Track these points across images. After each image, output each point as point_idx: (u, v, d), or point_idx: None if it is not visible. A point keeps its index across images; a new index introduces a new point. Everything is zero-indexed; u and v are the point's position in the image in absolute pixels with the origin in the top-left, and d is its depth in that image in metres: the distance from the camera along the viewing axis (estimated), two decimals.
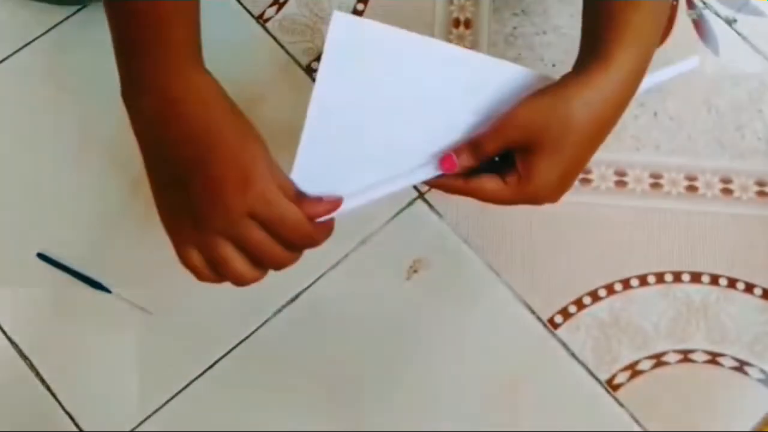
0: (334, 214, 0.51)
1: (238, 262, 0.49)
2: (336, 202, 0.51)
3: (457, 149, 0.53)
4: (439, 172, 0.54)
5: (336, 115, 0.49)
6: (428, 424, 0.77)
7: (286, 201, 0.49)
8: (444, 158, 0.53)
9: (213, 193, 0.48)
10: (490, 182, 0.53)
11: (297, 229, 0.49)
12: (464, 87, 0.52)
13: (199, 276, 0.51)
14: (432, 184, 0.55)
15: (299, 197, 0.50)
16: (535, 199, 0.53)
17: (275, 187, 0.48)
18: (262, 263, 0.50)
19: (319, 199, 0.51)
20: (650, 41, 0.53)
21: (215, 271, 0.50)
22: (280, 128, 0.87)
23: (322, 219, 0.51)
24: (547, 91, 0.51)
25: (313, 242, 0.51)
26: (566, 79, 0.52)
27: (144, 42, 0.50)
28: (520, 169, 0.52)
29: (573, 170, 0.53)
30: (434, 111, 0.52)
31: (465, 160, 0.53)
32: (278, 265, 0.51)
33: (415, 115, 0.52)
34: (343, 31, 0.43)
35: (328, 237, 0.52)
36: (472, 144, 0.53)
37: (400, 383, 0.78)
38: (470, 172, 0.54)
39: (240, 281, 0.50)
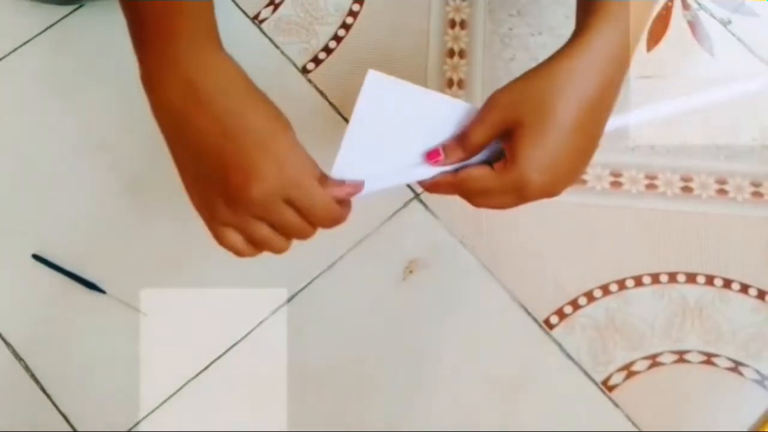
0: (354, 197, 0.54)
1: (276, 240, 0.52)
2: (358, 185, 0.53)
3: (445, 144, 0.53)
4: (433, 171, 0.54)
5: (361, 147, 0.53)
6: (425, 423, 0.77)
7: (317, 185, 0.51)
8: (430, 151, 0.54)
9: (247, 180, 0.48)
10: (477, 170, 0.53)
11: (326, 211, 0.52)
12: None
13: (238, 254, 0.53)
14: (425, 186, 0.55)
15: (323, 178, 0.52)
16: (525, 186, 0.51)
17: (307, 171, 0.50)
18: (291, 237, 0.53)
19: (341, 182, 0.53)
20: (635, 19, 0.52)
21: (254, 247, 0.53)
22: None
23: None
24: (527, 71, 0.52)
25: (339, 222, 0.53)
26: (547, 58, 0.52)
27: (161, 28, 0.50)
28: (506, 153, 0.52)
29: (564, 156, 0.51)
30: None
31: (453, 154, 0.53)
32: (305, 239, 0.54)
33: (418, 149, 0.55)
34: (374, 87, 0.51)
35: (349, 215, 0.55)
36: (460, 136, 0.53)
37: (396, 383, 0.78)
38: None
39: (278, 253, 0.53)
